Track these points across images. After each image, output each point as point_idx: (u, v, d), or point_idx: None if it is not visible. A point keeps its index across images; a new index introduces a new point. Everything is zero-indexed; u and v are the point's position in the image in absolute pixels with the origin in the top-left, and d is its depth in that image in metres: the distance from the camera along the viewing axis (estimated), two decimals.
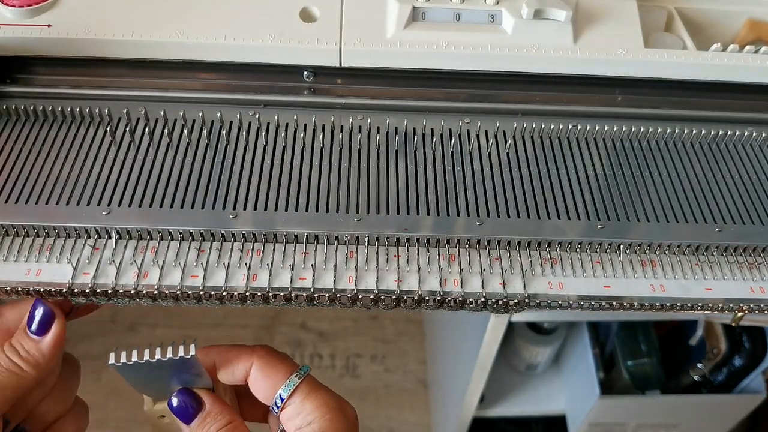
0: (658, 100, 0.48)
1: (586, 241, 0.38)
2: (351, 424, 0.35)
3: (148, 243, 0.36)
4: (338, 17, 0.45)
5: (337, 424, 0.34)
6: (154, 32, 0.44)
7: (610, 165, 0.43)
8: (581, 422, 0.96)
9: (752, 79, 0.47)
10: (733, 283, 0.38)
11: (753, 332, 0.85)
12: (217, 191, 0.38)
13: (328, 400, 0.34)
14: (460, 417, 0.97)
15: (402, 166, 0.41)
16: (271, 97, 0.45)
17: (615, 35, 0.47)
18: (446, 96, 0.47)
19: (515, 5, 0.46)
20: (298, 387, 0.34)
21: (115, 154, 0.40)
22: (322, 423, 0.34)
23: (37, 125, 0.42)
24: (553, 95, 0.47)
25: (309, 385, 0.35)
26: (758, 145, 0.45)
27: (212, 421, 0.35)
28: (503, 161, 0.42)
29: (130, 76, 0.45)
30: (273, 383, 0.35)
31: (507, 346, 1.04)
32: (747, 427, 1.07)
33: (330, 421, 0.34)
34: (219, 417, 0.35)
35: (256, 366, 0.35)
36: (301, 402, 0.34)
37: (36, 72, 0.45)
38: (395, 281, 0.36)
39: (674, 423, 0.97)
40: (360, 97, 0.46)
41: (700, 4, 0.54)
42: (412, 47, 0.44)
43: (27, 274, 0.35)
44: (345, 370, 1.29)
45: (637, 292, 0.37)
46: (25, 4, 0.44)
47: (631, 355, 0.91)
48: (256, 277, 0.35)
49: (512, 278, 0.37)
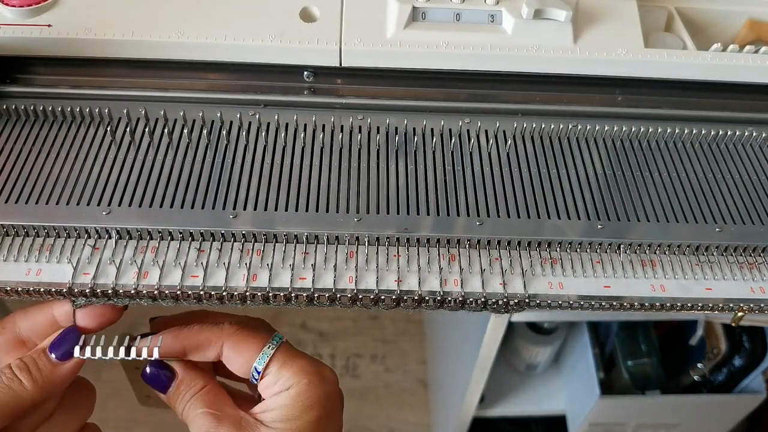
0: (658, 100, 0.48)
1: (586, 241, 0.38)
2: (329, 387, 0.35)
3: (148, 243, 0.36)
4: (338, 17, 0.45)
5: (315, 387, 0.34)
6: (154, 32, 0.44)
7: (610, 165, 0.43)
8: (581, 422, 0.96)
9: (752, 79, 0.47)
10: (733, 283, 0.38)
11: (753, 332, 0.85)
12: (217, 191, 0.38)
13: (304, 365, 0.34)
14: (460, 417, 0.97)
15: (402, 166, 0.41)
16: (271, 97, 0.45)
17: (615, 35, 0.47)
18: (446, 96, 0.47)
19: (515, 5, 0.46)
20: (273, 357, 0.35)
21: (115, 154, 0.40)
22: (300, 387, 0.34)
23: (37, 125, 0.42)
24: (553, 95, 0.47)
25: (284, 353, 0.35)
26: (758, 145, 0.45)
27: (186, 389, 0.36)
28: (503, 161, 0.42)
29: (130, 76, 0.45)
30: (247, 358, 0.35)
31: (507, 346, 1.03)
32: (747, 427, 1.07)
33: (308, 385, 0.34)
34: (192, 384, 0.36)
35: (227, 345, 0.35)
36: (278, 371, 0.34)
37: (36, 72, 0.45)
38: (395, 281, 0.36)
39: (674, 423, 0.97)
40: (360, 97, 0.46)
41: (700, 4, 0.54)
42: (412, 47, 0.44)
43: (27, 274, 0.35)
44: (345, 370, 1.29)
45: (637, 292, 0.37)
46: (25, 4, 0.44)
47: (631, 355, 0.91)
48: (256, 277, 0.35)
49: (512, 278, 0.37)
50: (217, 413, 0.34)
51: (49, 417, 0.36)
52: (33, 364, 0.34)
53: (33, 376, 0.33)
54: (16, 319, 0.36)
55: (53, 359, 0.34)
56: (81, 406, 0.37)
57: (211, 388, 0.36)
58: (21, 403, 0.33)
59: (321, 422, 0.34)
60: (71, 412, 0.37)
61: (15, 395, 0.33)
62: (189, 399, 0.35)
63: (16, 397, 0.33)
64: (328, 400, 0.34)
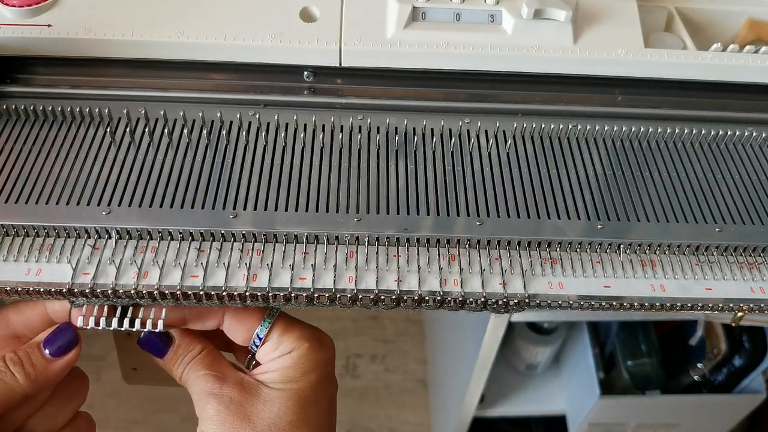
0: (658, 100, 0.48)
1: (586, 241, 0.38)
2: (327, 351, 0.37)
3: (148, 243, 0.36)
4: (338, 17, 0.45)
5: (315, 351, 0.36)
6: (154, 32, 0.44)
7: (610, 165, 0.43)
8: (581, 422, 0.96)
9: (752, 79, 0.47)
10: (733, 283, 0.38)
11: (753, 332, 0.85)
12: (217, 191, 0.38)
13: (304, 331, 0.36)
14: (460, 417, 0.97)
15: (402, 166, 0.41)
16: (271, 97, 0.45)
17: (615, 35, 0.47)
18: (446, 96, 0.47)
19: (515, 5, 0.46)
20: (274, 324, 0.36)
21: (115, 154, 0.40)
22: (301, 350, 0.35)
23: (37, 125, 0.42)
24: (553, 95, 0.47)
25: (284, 321, 0.37)
26: (758, 145, 0.45)
27: (184, 353, 0.36)
28: (503, 161, 0.42)
29: (130, 76, 0.45)
30: (248, 326, 0.36)
31: (507, 346, 1.04)
32: (747, 427, 1.07)
33: (308, 349, 0.36)
34: (190, 347, 0.37)
35: (229, 313, 0.37)
36: (279, 337, 0.36)
37: (36, 72, 0.45)
38: (395, 281, 0.36)
39: (674, 423, 0.97)
40: (360, 97, 0.46)
41: (700, 4, 0.54)
42: (412, 47, 0.44)
43: (27, 274, 0.35)
44: (345, 370, 1.29)
45: (637, 292, 0.37)
46: (25, 4, 0.44)
47: (631, 355, 0.91)
48: (256, 277, 0.35)
49: (512, 278, 0.37)
50: (218, 375, 0.35)
51: (42, 406, 0.36)
52: (27, 359, 0.34)
53: (26, 370, 0.34)
54: (8, 315, 0.36)
55: (47, 355, 0.34)
56: (74, 395, 0.38)
57: (210, 351, 0.37)
58: (12, 395, 0.33)
59: (321, 383, 0.36)
60: (64, 402, 0.37)
61: (7, 388, 0.33)
62: (189, 362, 0.36)
63: (8, 390, 0.33)
64: (327, 364, 0.37)
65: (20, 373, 0.33)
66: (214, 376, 0.35)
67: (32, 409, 0.36)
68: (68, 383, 0.37)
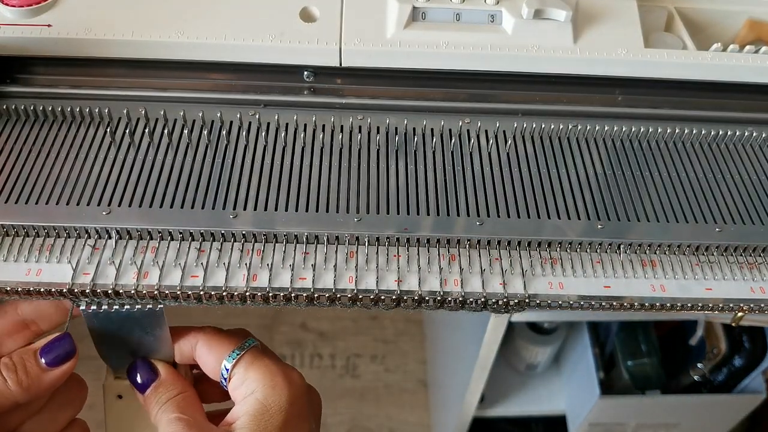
0: (658, 100, 0.48)
1: (586, 241, 0.38)
2: (295, 390, 0.35)
3: (148, 243, 0.36)
4: (338, 17, 0.45)
5: (280, 391, 0.34)
6: (155, 32, 0.44)
7: (610, 165, 0.43)
8: (581, 422, 0.96)
9: (752, 79, 0.47)
10: (733, 283, 0.38)
11: (753, 332, 0.86)
12: (217, 191, 0.38)
13: (271, 368, 0.35)
14: (460, 417, 0.97)
15: (402, 166, 0.41)
16: (271, 97, 0.45)
17: (615, 35, 0.47)
18: (446, 96, 0.47)
19: (515, 5, 0.46)
20: (242, 357, 0.35)
21: (115, 154, 0.40)
22: (265, 390, 0.34)
23: (37, 125, 0.42)
24: (553, 95, 0.47)
25: (252, 355, 0.36)
26: (758, 145, 0.45)
27: (164, 391, 0.36)
28: (503, 161, 0.42)
29: (130, 76, 0.45)
30: (218, 356, 0.36)
31: (507, 346, 1.04)
32: (747, 427, 1.07)
33: (273, 389, 0.34)
34: (171, 387, 0.36)
35: (202, 342, 0.36)
36: (245, 371, 0.35)
37: (36, 72, 0.45)
38: (395, 281, 0.36)
39: (674, 423, 0.97)
40: (360, 97, 0.46)
41: (700, 4, 0.54)
42: (412, 47, 0.44)
43: (27, 274, 0.35)
44: (345, 370, 1.29)
45: (637, 292, 0.37)
46: (25, 4, 0.44)
47: (631, 355, 0.91)
48: (257, 277, 0.35)
49: (512, 278, 0.37)
50: (188, 419, 0.34)
51: (38, 412, 0.36)
52: (21, 365, 0.34)
53: (19, 378, 0.33)
54: (18, 302, 0.36)
55: (42, 364, 0.34)
56: (70, 402, 0.37)
57: (188, 395, 0.36)
58: (3, 401, 0.33)
59: (290, 425, 0.34)
60: (60, 409, 0.37)
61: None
62: (164, 402, 0.36)
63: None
64: (296, 403, 0.35)
65: (12, 380, 0.33)
66: (185, 420, 0.34)
67: (26, 415, 0.35)
68: (66, 390, 0.37)
